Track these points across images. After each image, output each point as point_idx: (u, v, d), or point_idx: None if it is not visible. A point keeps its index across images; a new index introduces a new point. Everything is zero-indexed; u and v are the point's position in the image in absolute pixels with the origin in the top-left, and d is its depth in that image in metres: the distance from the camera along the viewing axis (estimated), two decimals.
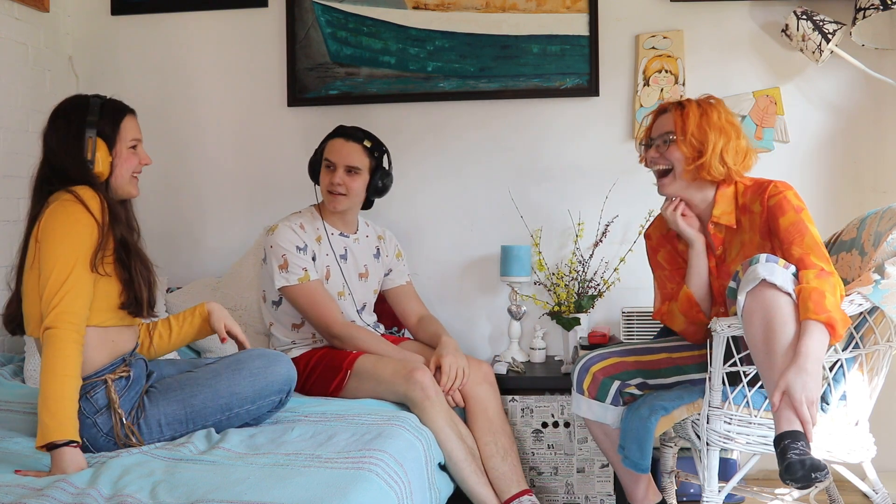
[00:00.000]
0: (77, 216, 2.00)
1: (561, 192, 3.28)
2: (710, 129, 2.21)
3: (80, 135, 2.10)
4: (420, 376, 2.47)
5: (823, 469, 1.72)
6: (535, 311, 3.26)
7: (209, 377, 2.18)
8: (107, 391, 2.07)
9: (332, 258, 2.79)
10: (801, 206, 2.13)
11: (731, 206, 2.25)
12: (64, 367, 1.91)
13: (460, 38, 3.27)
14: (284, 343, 2.80)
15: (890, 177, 3.13)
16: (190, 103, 3.44)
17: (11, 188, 3.13)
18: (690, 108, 2.26)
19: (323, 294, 2.71)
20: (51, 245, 1.99)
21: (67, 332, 1.92)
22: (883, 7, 2.77)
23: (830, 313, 1.87)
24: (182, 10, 3.41)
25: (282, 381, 2.24)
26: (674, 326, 2.36)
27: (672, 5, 3.20)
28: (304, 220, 2.78)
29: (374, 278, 2.91)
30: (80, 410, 2.03)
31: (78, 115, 2.12)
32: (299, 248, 2.70)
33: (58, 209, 2.02)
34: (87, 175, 2.09)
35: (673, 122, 2.26)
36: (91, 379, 2.07)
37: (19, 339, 3.07)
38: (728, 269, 2.25)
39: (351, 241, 2.85)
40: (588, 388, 2.31)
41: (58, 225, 2.00)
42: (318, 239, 2.78)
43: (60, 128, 2.12)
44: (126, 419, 2.08)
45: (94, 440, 2.07)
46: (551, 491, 2.80)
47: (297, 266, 2.68)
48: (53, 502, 1.66)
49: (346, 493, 1.73)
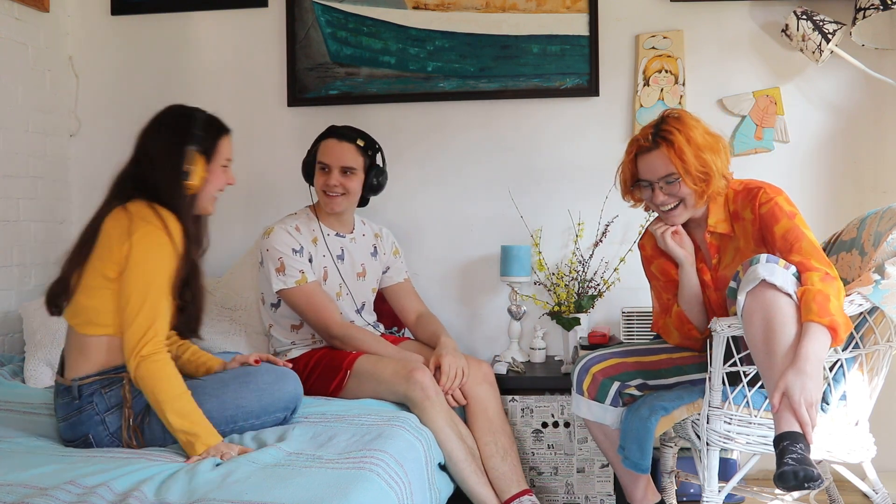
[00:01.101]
0: (166, 248, 2.08)
1: (561, 192, 3.28)
2: (704, 153, 2.16)
3: (182, 146, 2.16)
4: (420, 376, 2.47)
5: (817, 479, 1.72)
6: (535, 311, 3.26)
7: (216, 387, 2.19)
8: (122, 389, 2.10)
9: (329, 259, 2.79)
10: (793, 212, 2.11)
11: (724, 214, 2.23)
12: (179, 386, 2.05)
13: (460, 38, 3.27)
14: (284, 344, 2.80)
15: (890, 177, 3.13)
16: (190, 103, 3.38)
17: (11, 188, 3.13)
18: (678, 140, 2.16)
19: (321, 295, 2.70)
20: (141, 273, 2.06)
21: (164, 356, 2.05)
22: (883, 7, 2.77)
23: (834, 317, 1.87)
24: (182, 10, 3.41)
25: (288, 399, 2.26)
26: (670, 340, 2.36)
27: (672, 5, 3.20)
28: (300, 222, 2.77)
29: (372, 277, 2.91)
30: (92, 404, 2.06)
31: (183, 126, 2.19)
32: (295, 250, 2.69)
33: (150, 236, 2.07)
34: (177, 187, 2.14)
35: (671, 164, 2.17)
36: (109, 374, 2.10)
37: (19, 339, 3.08)
38: (724, 276, 2.24)
39: (347, 241, 2.84)
40: (588, 388, 2.31)
41: (150, 256, 2.07)
42: (315, 240, 2.77)
43: (163, 136, 2.18)
44: (133, 421, 2.10)
45: (99, 437, 2.09)
46: (551, 491, 2.80)
47: (294, 269, 2.67)
48: (57, 502, 1.66)
49: (347, 493, 1.73)
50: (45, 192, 3.33)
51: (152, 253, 2.07)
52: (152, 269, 2.06)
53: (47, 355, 2.78)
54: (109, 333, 2.10)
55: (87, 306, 2.11)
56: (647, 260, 2.41)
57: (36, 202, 3.27)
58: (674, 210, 2.23)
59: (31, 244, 3.24)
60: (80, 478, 1.79)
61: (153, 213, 2.09)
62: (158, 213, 2.10)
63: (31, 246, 3.24)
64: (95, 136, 3.48)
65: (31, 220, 3.25)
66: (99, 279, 2.09)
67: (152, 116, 2.24)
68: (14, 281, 3.15)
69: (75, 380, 2.10)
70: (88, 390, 2.09)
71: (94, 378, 2.10)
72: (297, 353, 2.76)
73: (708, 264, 2.29)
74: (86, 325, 2.11)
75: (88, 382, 2.09)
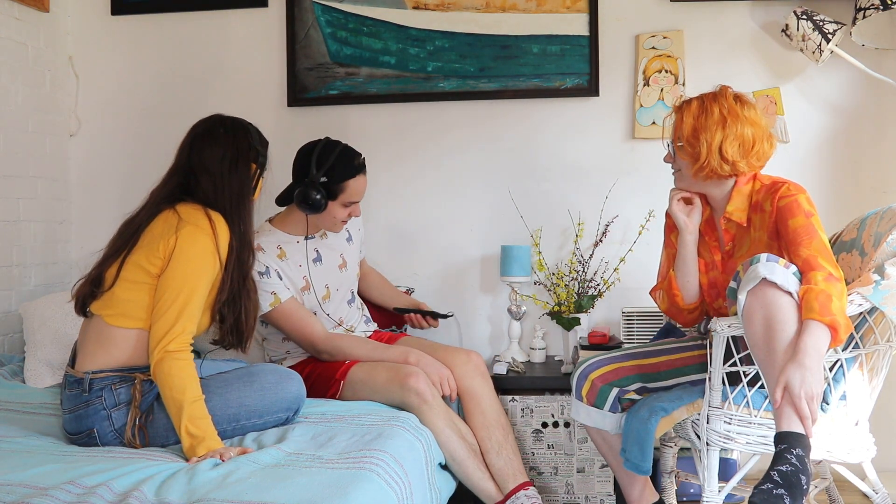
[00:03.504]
0: (209, 252, 2.11)
1: (561, 192, 3.28)
2: (704, 129, 2.19)
3: (248, 161, 2.23)
4: (414, 382, 2.46)
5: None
6: (535, 311, 3.26)
7: (220, 386, 2.19)
8: (132, 388, 2.11)
9: (306, 266, 2.71)
10: (811, 212, 2.11)
11: (744, 204, 2.24)
12: (196, 390, 2.05)
13: (460, 38, 3.27)
14: (279, 354, 2.78)
15: (890, 177, 3.13)
16: (190, 103, 3.43)
17: (11, 188, 3.13)
18: (689, 109, 2.24)
19: (299, 312, 2.64)
20: (181, 270, 2.09)
21: (188, 356, 2.07)
22: (883, 7, 2.77)
23: (835, 317, 1.87)
24: (182, 10, 3.41)
25: (291, 399, 2.26)
26: (660, 305, 2.40)
27: (672, 5, 3.20)
28: (262, 241, 2.64)
29: (353, 262, 2.87)
30: (101, 398, 2.06)
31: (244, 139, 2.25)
32: (260, 272, 2.57)
33: (195, 236, 2.10)
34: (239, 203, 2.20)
35: (674, 129, 2.27)
36: (122, 372, 2.11)
37: (19, 339, 3.08)
38: (735, 265, 2.25)
39: (318, 240, 2.76)
40: (587, 395, 2.31)
41: (193, 255, 2.09)
42: (281, 255, 2.67)
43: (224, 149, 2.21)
44: (139, 420, 2.11)
45: (103, 433, 2.10)
46: (551, 491, 2.80)
47: (265, 292, 2.57)
48: (57, 502, 1.66)
49: (347, 493, 1.73)
50: (45, 192, 3.33)
51: (195, 252, 2.09)
52: (193, 269, 2.08)
53: (47, 355, 2.78)
54: (140, 327, 2.12)
55: (124, 298, 2.12)
56: (670, 228, 2.45)
57: (36, 202, 3.27)
58: (675, 173, 2.34)
59: (31, 244, 3.24)
60: (80, 478, 1.79)
61: (203, 216, 2.12)
62: (210, 216, 2.12)
63: (31, 246, 3.24)
64: (95, 136, 3.48)
65: (31, 220, 3.25)
66: (141, 274, 2.11)
67: (201, 126, 2.29)
68: (14, 281, 3.15)
69: (88, 372, 2.10)
70: (99, 384, 2.09)
71: (108, 373, 2.10)
72: (290, 362, 2.73)
73: (721, 246, 2.30)
74: (118, 316, 2.12)
75: (102, 377, 2.10)
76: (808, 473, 1.77)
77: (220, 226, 2.13)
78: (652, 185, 3.21)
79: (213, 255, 2.11)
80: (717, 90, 2.27)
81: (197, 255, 2.09)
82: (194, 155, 2.21)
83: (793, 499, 1.73)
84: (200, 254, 2.09)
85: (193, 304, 2.08)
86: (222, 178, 2.18)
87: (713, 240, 2.33)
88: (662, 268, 2.44)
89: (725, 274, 2.28)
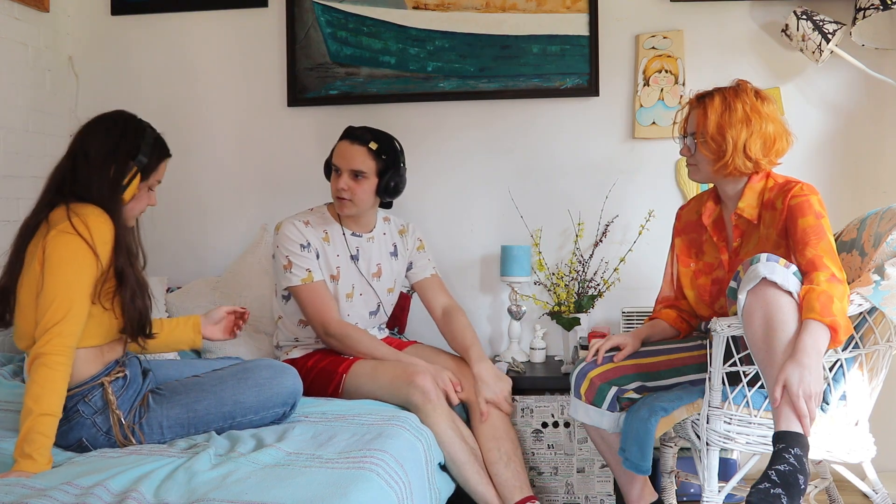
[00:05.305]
0: (81, 254, 1.98)
1: (561, 192, 3.28)
2: (730, 127, 2.18)
3: (127, 159, 2.10)
4: (421, 381, 2.47)
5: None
6: (535, 311, 3.26)
7: (214, 383, 2.18)
8: (104, 394, 2.08)
9: (344, 258, 2.76)
10: (822, 213, 2.11)
11: (756, 201, 2.24)
12: (54, 404, 1.91)
13: (460, 38, 3.27)
14: (289, 339, 2.80)
15: (890, 177, 3.13)
16: (190, 103, 3.44)
17: (11, 188, 3.13)
18: (712, 105, 2.21)
19: (323, 294, 2.69)
20: (53, 280, 1.97)
21: (59, 360, 1.93)
22: (883, 7, 2.77)
23: (836, 318, 1.87)
24: (182, 11, 3.41)
25: (286, 394, 2.24)
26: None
27: (672, 5, 3.20)
28: (312, 218, 2.75)
29: (389, 277, 2.86)
30: (78, 412, 2.04)
31: (133, 139, 2.12)
32: (303, 245, 2.68)
33: (60, 243, 1.98)
34: (113, 196, 2.07)
35: (697, 124, 2.24)
36: (88, 384, 2.07)
37: None
38: (741, 261, 2.24)
39: (364, 241, 2.80)
40: (585, 393, 2.31)
41: (63, 262, 1.97)
42: (326, 238, 2.74)
43: (109, 142, 2.11)
44: (125, 419, 2.09)
45: (94, 439, 2.08)
46: (551, 491, 2.80)
47: (301, 267, 2.66)
48: (55, 502, 1.66)
49: (347, 492, 1.73)
50: None
51: (62, 255, 1.98)
52: (63, 274, 1.97)
53: None
54: (80, 346, 2.02)
55: (28, 331, 2.03)
56: (677, 231, 2.46)
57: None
58: (690, 166, 2.31)
59: None
60: (78, 478, 1.79)
61: (68, 223, 1.99)
62: (82, 218, 1.99)
63: None
64: None
65: None
66: (30, 299, 2.02)
67: (98, 116, 2.17)
68: None
69: None
70: (72, 402, 2.04)
71: (75, 389, 2.05)
72: (298, 353, 2.75)
73: (728, 245, 2.30)
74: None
75: (71, 395, 2.03)
76: (805, 473, 1.77)
77: (93, 219, 2.00)
78: (652, 185, 3.21)
79: (84, 253, 1.98)
80: (737, 85, 2.25)
81: (65, 258, 1.97)
82: (79, 139, 2.14)
83: (790, 498, 1.73)
84: (70, 256, 1.98)
85: (75, 308, 1.96)
86: (97, 168, 2.08)
87: (721, 239, 2.33)
88: (663, 290, 2.48)
89: (731, 273, 2.28)
